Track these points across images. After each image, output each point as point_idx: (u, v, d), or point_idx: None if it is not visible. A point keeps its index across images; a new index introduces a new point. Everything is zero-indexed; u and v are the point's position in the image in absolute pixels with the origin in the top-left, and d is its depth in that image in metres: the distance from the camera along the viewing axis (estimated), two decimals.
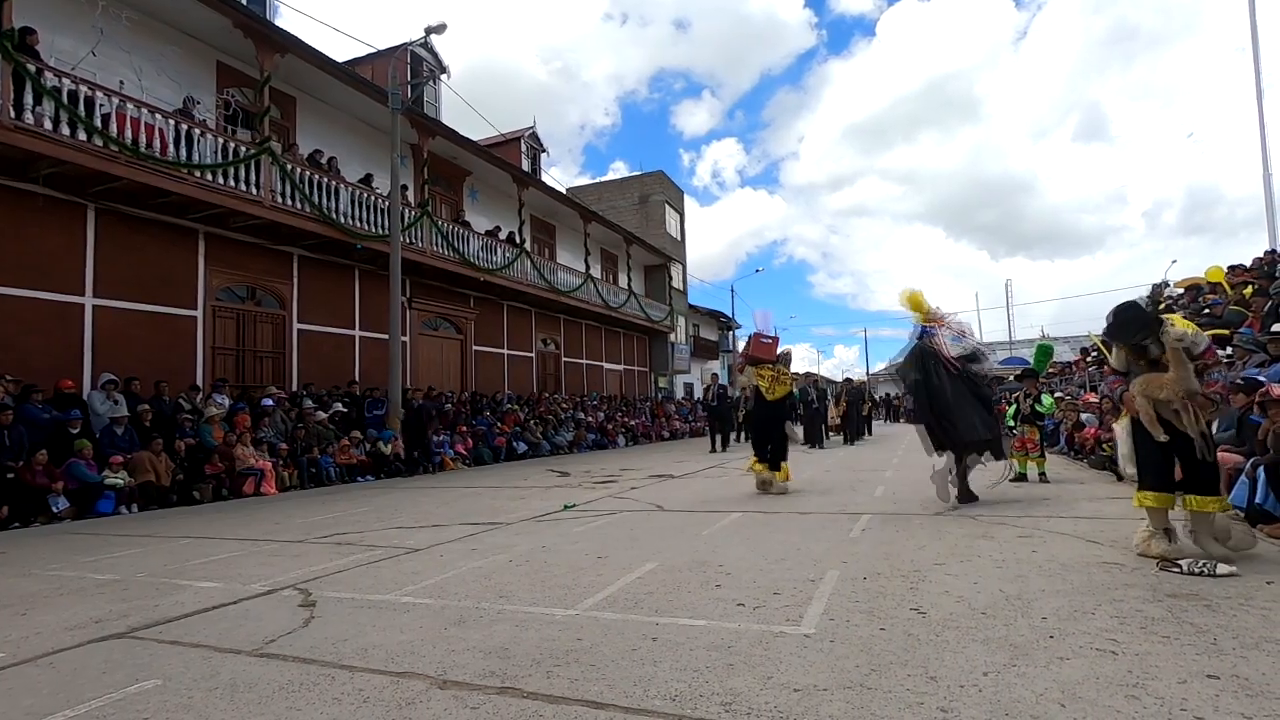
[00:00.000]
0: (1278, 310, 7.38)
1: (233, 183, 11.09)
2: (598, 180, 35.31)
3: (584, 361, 24.81)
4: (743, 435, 17.01)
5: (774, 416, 7.82)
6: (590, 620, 3.00)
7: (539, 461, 14.89)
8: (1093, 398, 10.54)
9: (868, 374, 53.98)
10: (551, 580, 3.77)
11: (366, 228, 13.64)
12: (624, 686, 2.23)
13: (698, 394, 34.27)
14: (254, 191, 11.50)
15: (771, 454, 7.52)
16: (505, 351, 20.14)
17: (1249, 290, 9.62)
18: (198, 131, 10.67)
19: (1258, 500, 4.58)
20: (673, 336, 31.09)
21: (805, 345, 77.93)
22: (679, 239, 33.39)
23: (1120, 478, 7.41)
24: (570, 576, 3.86)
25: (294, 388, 12.97)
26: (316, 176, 12.67)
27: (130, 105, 9.75)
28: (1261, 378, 5.73)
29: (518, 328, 20.69)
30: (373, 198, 13.87)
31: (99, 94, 9.44)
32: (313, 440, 11.31)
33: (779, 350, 7.93)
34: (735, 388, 17.43)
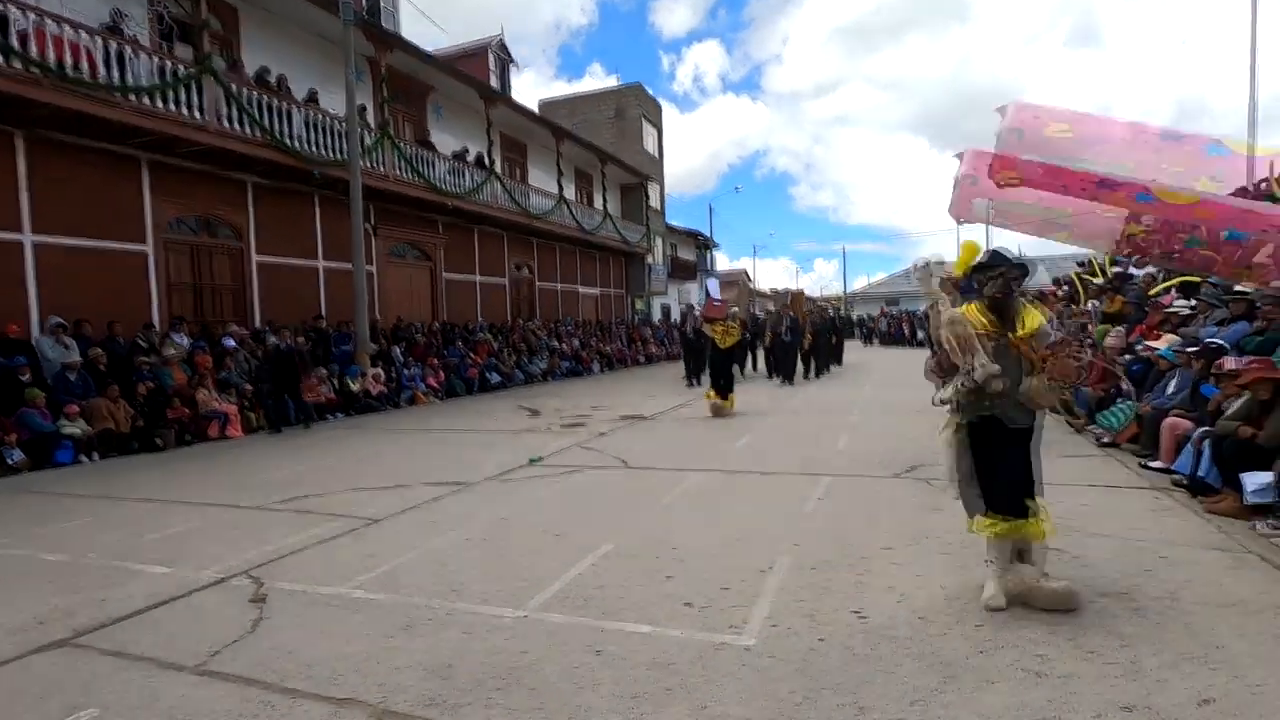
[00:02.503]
0: (1246, 262, 7.35)
1: (172, 106, 10.34)
2: (572, 93, 33.65)
3: (559, 286, 24.47)
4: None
5: (726, 359, 10.27)
6: (537, 625, 3.03)
7: (511, 393, 14.90)
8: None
9: (845, 292, 54.11)
10: (506, 567, 3.80)
11: (323, 152, 12.92)
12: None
13: (675, 316, 34.23)
14: (197, 116, 10.77)
15: (724, 387, 9.87)
16: (478, 278, 19.73)
17: (1224, 234, 9.56)
18: (129, 50, 9.82)
19: (1200, 472, 4.69)
20: (650, 258, 30.67)
21: (785, 259, 77.45)
22: (656, 156, 32.33)
23: (1077, 429, 7.58)
24: (526, 561, 3.89)
25: (257, 323, 12.64)
26: (265, 98, 11.86)
27: (50, 22, 8.90)
28: (1219, 340, 5.77)
29: (490, 253, 20.19)
30: (328, 120, 13.07)
31: (12, 9, 8.58)
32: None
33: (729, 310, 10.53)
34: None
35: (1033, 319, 3.16)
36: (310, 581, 3.67)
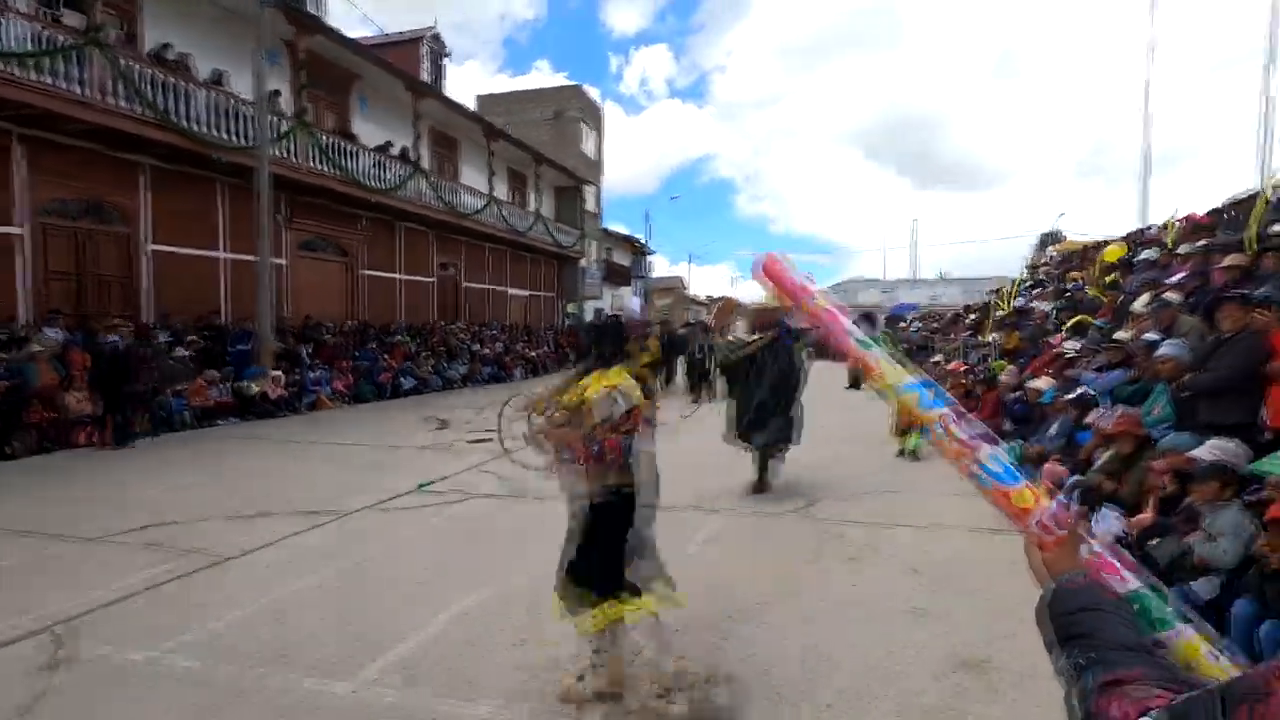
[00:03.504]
0: (1127, 310, 7.70)
1: (51, 79, 9.46)
2: (511, 90, 33.08)
3: (488, 287, 23.91)
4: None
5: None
6: (365, 705, 2.77)
7: (425, 401, 14.36)
8: (961, 368, 10.98)
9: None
10: (352, 625, 3.51)
11: (229, 137, 12.13)
12: None
13: (635, 310, 34.04)
14: (81, 91, 9.90)
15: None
16: (400, 276, 19.04)
17: (1111, 278, 10.08)
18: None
19: None
20: (584, 262, 30.40)
21: (725, 266, 78.49)
22: (595, 159, 32.09)
23: None
24: (376, 616, 3.61)
25: (147, 318, 11.74)
26: (163, 76, 11.02)
27: None
28: (1090, 390, 5.99)
29: (414, 250, 19.52)
30: (235, 103, 12.28)
31: None
32: (163, 381, 10.33)
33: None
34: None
35: (596, 385, 2.73)
36: (122, 641, 3.28)
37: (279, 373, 12.14)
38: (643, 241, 38.72)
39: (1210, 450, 3.65)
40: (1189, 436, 4.02)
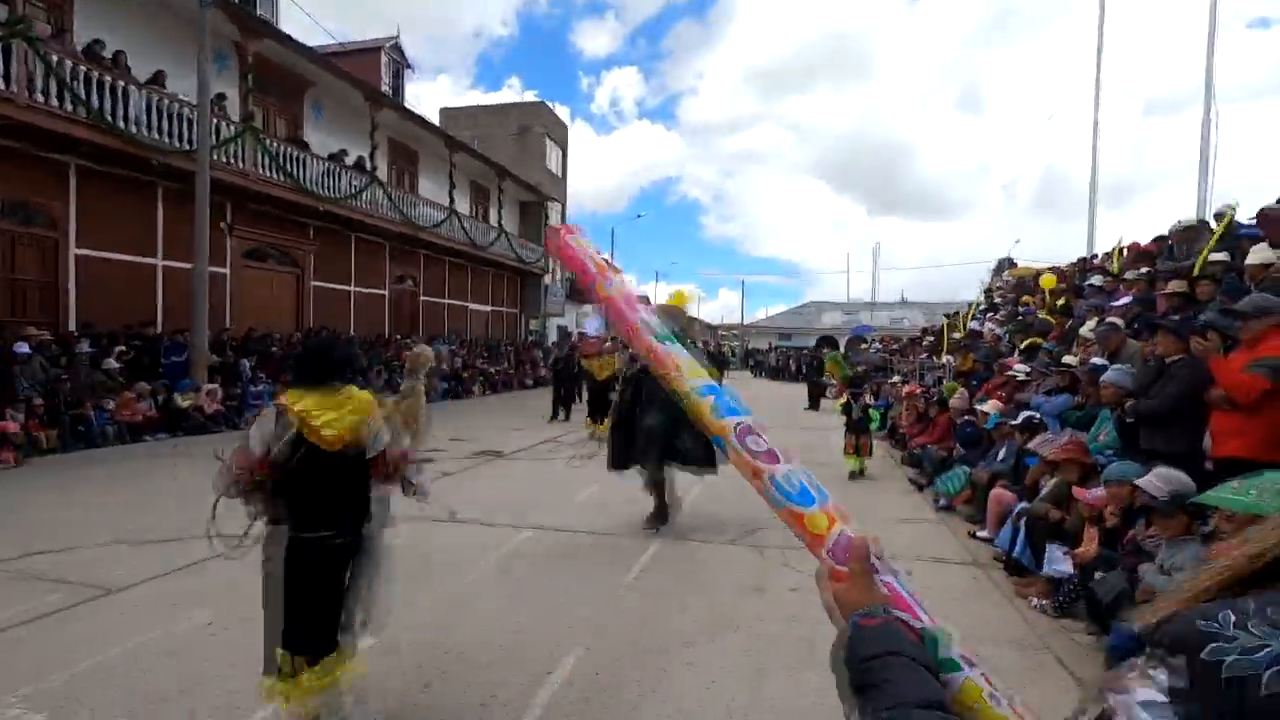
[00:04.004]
0: (1076, 334, 7.73)
1: None
2: (475, 104, 32.83)
3: (446, 301, 23.44)
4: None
5: (604, 390, 9.82)
6: None
7: None
8: (916, 390, 10.96)
9: (742, 323, 55.54)
10: (235, 670, 3.14)
11: (168, 140, 11.62)
12: None
13: (593, 331, 33.74)
14: (5, 86, 9.36)
15: (601, 417, 9.10)
16: (352, 288, 18.51)
17: (1061, 302, 10.18)
18: None
19: (1015, 551, 4.69)
20: (547, 278, 30.09)
21: (691, 285, 78.99)
22: (560, 175, 31.94)
23: (919, 487, 7.68)
24: (253, 667, 3.25)
25: (70, 326, 11.10)
26: (96, 74, 10.49)
27: None
28: (1036, 415, 5.92)
29: (368, 262, 19.02)
30: (176, 105, 11.78)
31: None
32: (83, 393, 9.72)
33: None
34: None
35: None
36: None
37: (214, 386, 11.56)
38: (608, 259, 38.56)
39: (1155, 481, 3.52)
40: (1132, 465, 3.91)
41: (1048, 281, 11.41)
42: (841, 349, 19.51)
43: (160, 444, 9.97)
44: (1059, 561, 4.15)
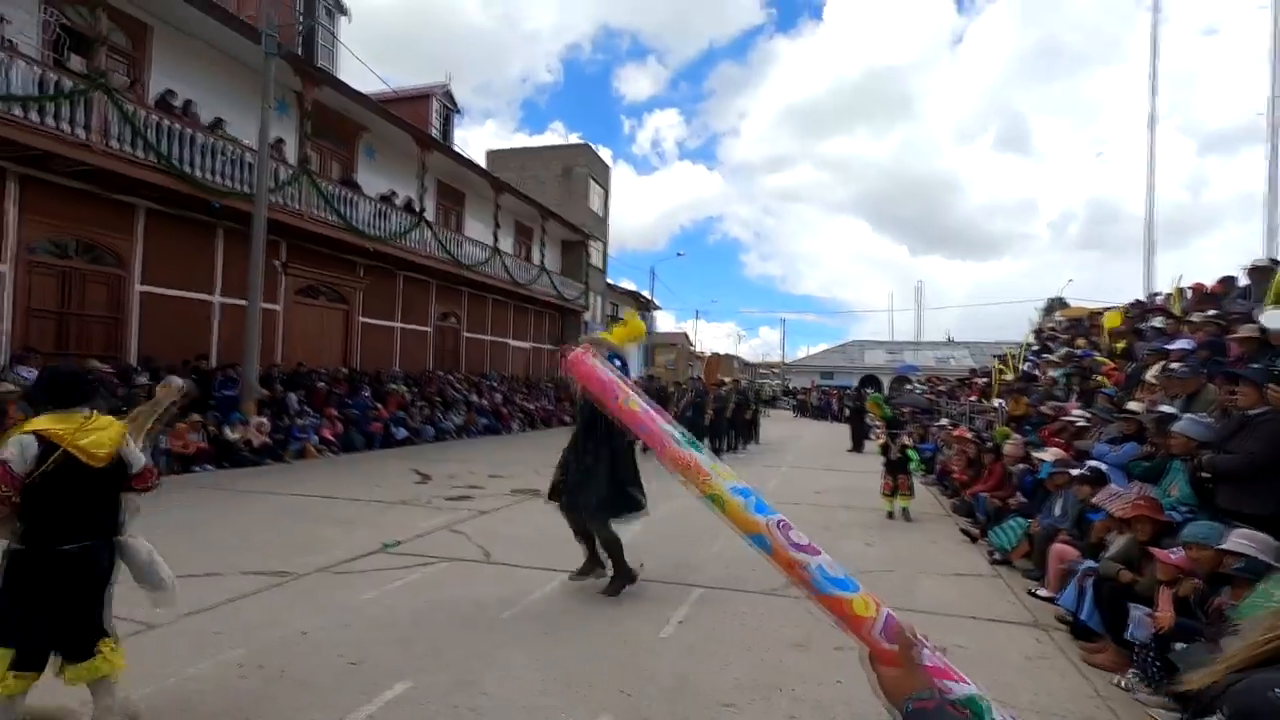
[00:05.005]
0: (1138, 378, 7.34)
1: (53, 121, 9.50)
2: (522, 147, 33.78)
3: (488, 338, 23.77)
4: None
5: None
6: None
7: (414, 452, 13.97)
8: (967, 433, 10.54)
9: (782, 362, 54.94)
10: (263, 713, 3.08)
11: (230, 183, 12.16)
12: None
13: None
14: (85, 135, 9.94)
15: None
16: (398, 325, 18.91)
17: (1120, 345, 9.75)
18: (3, 55, 9.01)
19: (1083, 615, 4.35)
20: (587, 315, 30.36)
21: (732, 324, 78.76)
22: (601, 215, 32.45)
23: (973, 538, 7.31)
24: (293, 704, 3.18)
25: (131, 359, 11.54)
26: (166, 121, 11.09)
27: None
28: (1101, 465, 5.58)
29: (414, 299, 19.46)
30: (239, 150, 12.36)
31: None
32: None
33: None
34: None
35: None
36: None
37: (262, 419, 11.84)
38: (648, 297, 38.82)
39: (1237, 543, 3.24)
40: (1213, 525, 3.61)
41: (1112, 320, 10.95)
42: (886, 389, 19.04)
43: (206, 476, 10.19)
44: (1143, 626, 3.81)
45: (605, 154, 45.08)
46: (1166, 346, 7.21)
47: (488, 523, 7.41)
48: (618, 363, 4.93)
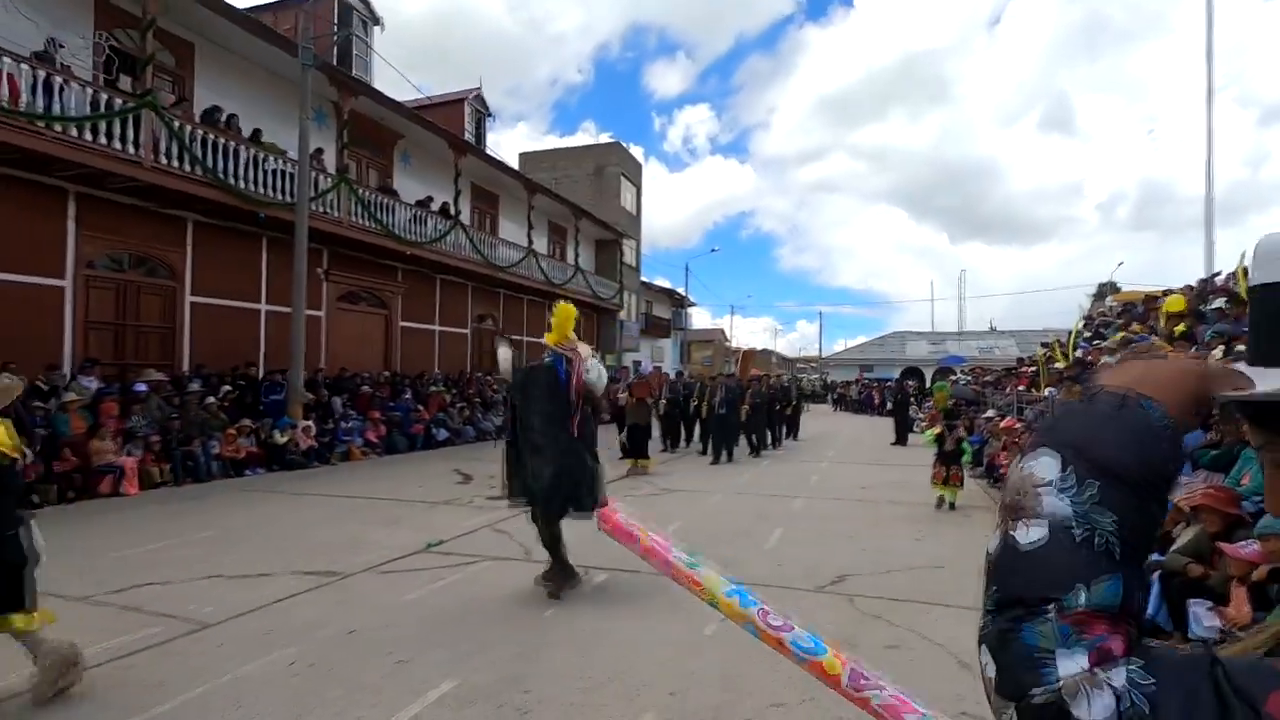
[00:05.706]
0: None
1: (105, 139, 9.87)
2: (553, 148, 33.99)
3: (525, 339, 23.93)
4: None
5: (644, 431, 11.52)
6: None
7: (455, 452, 14.17)
8: (1016, 424, 10.22)
9: (820, 356, 54.18)
10: (312, 713, 3.12)
11: (272, 194, 12.48)
12: None
13: (647, 371, 33.72)
14: (133, 151, 10.31)
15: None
16: (436, 328, 19.19)
17: (1180, 328, 9.32)
18: (59, 79, 9.39)
19: (1150, 612, 4.15)
20: (622, 314, 30.38)
21: (768, 318, 78.00)
22: (634, 213, 32.44)
23: None
24: (340, 703, 3.21)
25: (184, 368, 11.94)
26: (212, 136, 11.44)
27: None
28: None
29: (451, 303, 19.72)
30: (280, 161, 12.68)
31: None
32: (192, 429, 10.37)
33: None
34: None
35: None
36: None
37: (308, 423, 12.12)
38: (682, 294, 38.69)
39: None
40: None
41: (1174, 304, 10.47)
42: (929, 382, 18.61)
43: (257, 479, 10.48)
44: (1206, 620, 3.62)
45: (637, 152, 45.31)
46: (1238, 330, 6.85)
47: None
48: (561, 364, 4.90)
